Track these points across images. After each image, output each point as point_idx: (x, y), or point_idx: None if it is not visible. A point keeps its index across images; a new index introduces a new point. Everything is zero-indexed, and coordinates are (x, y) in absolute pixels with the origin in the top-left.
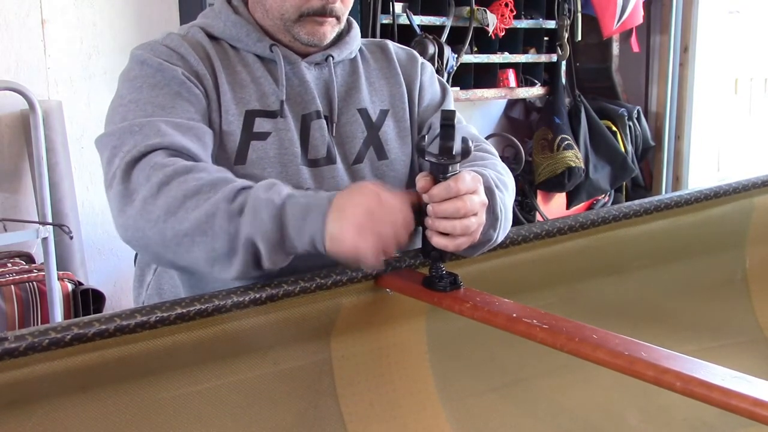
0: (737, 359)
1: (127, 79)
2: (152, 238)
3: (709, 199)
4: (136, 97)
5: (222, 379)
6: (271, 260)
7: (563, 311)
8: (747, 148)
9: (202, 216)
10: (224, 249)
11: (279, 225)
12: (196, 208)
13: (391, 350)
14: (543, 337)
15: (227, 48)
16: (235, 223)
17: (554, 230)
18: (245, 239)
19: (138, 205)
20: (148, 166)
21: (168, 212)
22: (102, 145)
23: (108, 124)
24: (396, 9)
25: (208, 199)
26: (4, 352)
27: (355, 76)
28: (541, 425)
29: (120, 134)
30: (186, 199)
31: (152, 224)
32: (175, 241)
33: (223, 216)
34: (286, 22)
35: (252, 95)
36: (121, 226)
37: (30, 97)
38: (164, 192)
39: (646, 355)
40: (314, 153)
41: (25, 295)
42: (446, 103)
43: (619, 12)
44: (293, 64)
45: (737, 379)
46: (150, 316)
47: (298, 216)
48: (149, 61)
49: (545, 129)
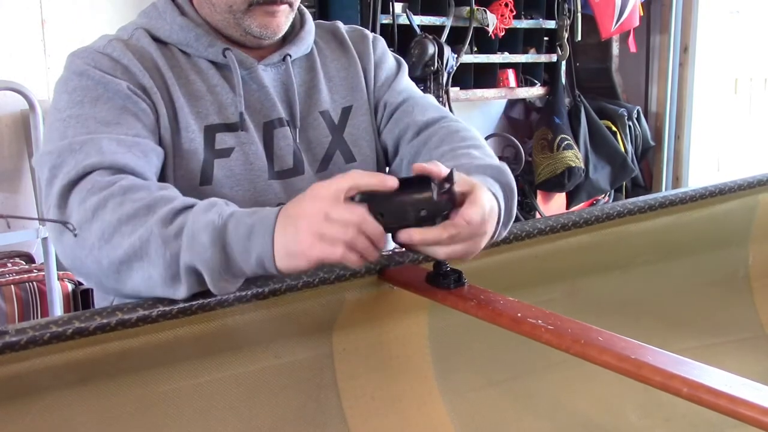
0: (739, 356)
1: (65, 90)
2: (90, 267)
3: (713, 196)
4: (77, 112)
5: (223, 373)
6: (217, 287)
7: (566, 307)
8: (747, 148)
9: (135, 242)
10: (164, 275)
11: (221, 249)
12: (131, 233)
13: (392, 344)
14: (548, 338)
15: (177, 53)
16: (171, 249)
17: (557, 226)
18: (185, 266)
19: (71, 234)
20: (85, 190)
21: (102, 239)
22: (41, 164)
23: (47, 141)
24: (396, 9)
25: (144, 223)
26: (6, 345)
27: (313, 73)
28: (541, 420)
29: (59, 153)
30: (120, 224)
31: (87, 252)
32: (112, 269)
33: (157, 241)
34: (236, 14)
35: (209, 107)
36: (61, 254)
37: (30, 97)
38: (99, 217)
39: (652, 359)
40: (281, 164)
41: (25, 295)
42: (399, 78)
43: (617, 14)
44: (249, 68)
45: (745, 386)
46: (152, 310)
47: (241, 236)
48: (89, 73)
49: (545, 129)
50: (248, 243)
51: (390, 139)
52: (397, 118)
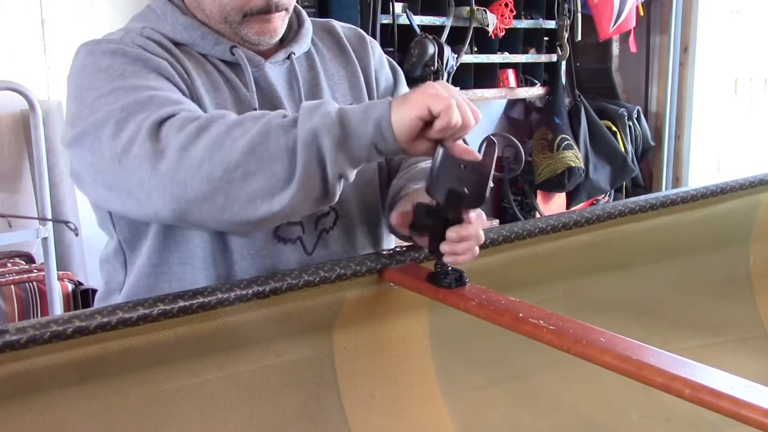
0: (740, 356)
1: (97, 69)
2: (197, 188)
3: (714, 195)
4: (121, 85)
5: (224, 372)
6: (335, 162)
7: (567, 306)
8: (747, 148)
9: (255, 137)
10: (284, 166)
11: (340, 119)
12: (244, 134)
13: (393, 343)
14: (549, 338)
15: (188, 48)
16: (293, 134)
17: (558, 226)
18: (305, 135)
19: (174, 155)
20: (179, 120)
21: (213, 148)
22: (86, 133)
23: (87, 116)
24: (396, 9)
25: (255, 124)
26: (6, 344)
27: (313, 71)
28: (541, 419)
29: (123, 108)
30: (230, 130)
31: (196, 168)
32: (226, 179)
33: (277, 131)
34: (231, 24)
35: (227, 100)
36: (156, 187)
37: (30, 97)
38: (204, 134)
39: (654, 360)
40: None
41: (25, 295)
42: (400, 86)
43: (615, 14)
44: (258, 65)
45: (747, 387)
46: (152, 309)
47: (358, 110)
48: (124, 50)
49: (545, 129)
50: (365, 114)
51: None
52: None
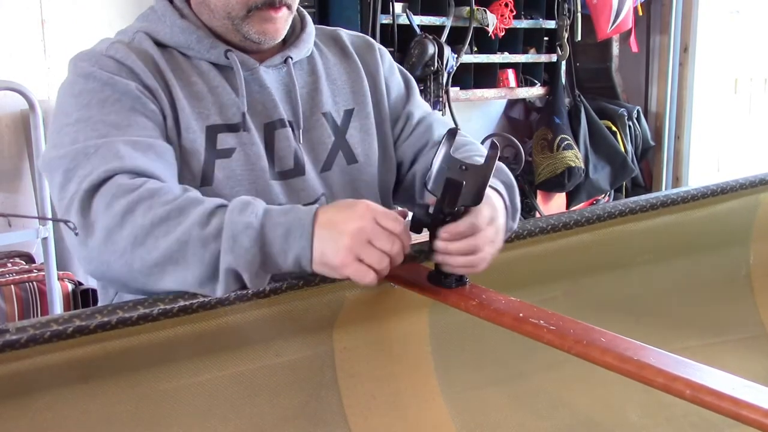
0: (740, 355)
1: (71, 94)
2: (119, 270)
3: (714, 195)
4: (86, 115)
5: (224, 371)
6: (254, 284)
7: (567, 305)
8: (747, 148)
9: (173, 244)
10: (200, 277)
11: (260, 249)
12: (165, 235)
13: (393, 343)
14: (550, 338)
15: (177, 56)
16: (211, 250)
17: (558, 225)
18: (226, 269)
19: (100, 236)
20: (110, 194)
21: (135, 242)
22: (51, 167)
23: (55, 146)
24: (396, 9)
25: (178, 225)
26: (6, 343)
27: (314, 75)
28: (541, 419)
29: (73, 157)
30: (153, 228)
31: (117, 256)
32: (144, 272)
33: (196, 243)
34: (234, 20)
35: (211, 108)
36: (84, 258)
37: (30, 97)
38: (129, 221)
39: (655, 360)
40: (282, 165)
41: (25, 295)
42: (412, 94)
43: (614, 15)
44: (251, 69)
45: (748, 388)
46: (152, 308)
47: (279, 236)
48: (96, 74)
49: (545, 129)
50: (286, 244)
51: (411, 151)
52: (419, 133)
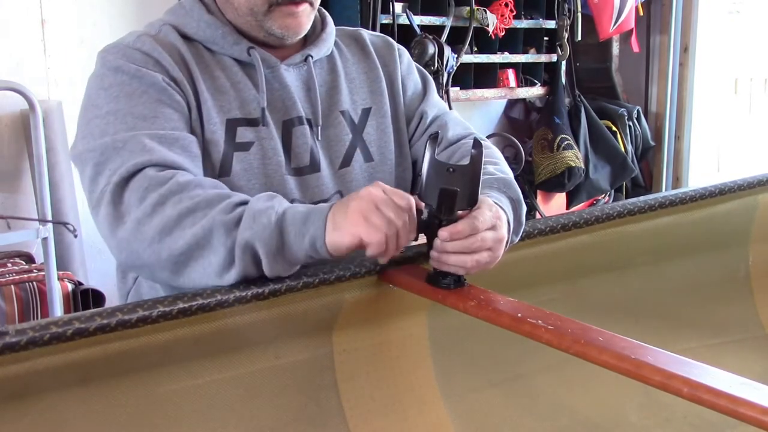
0: (739, 356)
1: (101, 87)
2: (146, 260)
3: (713, 196)
4: (114, 108)
5: (223, 373)
6: (271, 267)
7: (566, 307)
8: (747, 148)
9: (198, 232)
10: (222, 261)
11: (278, 230)
12: (192, 225)
13: (392, 345)
14: (548, 338)
15: (202, 50)
16: (233, 234)
17: (557, 226)
18: (243, 244)
19: (130, 226)
20: (141, 188)
21: (163, 232)
22: (82, 160)
23: (85, 137)
24: (396, 9)
25: (204, 216)
26: (6, 346)
27: (333, 74)
28: (541, 421)
29: (102, 150)
30: (181, 218)
31: (146, 245)
32: (171, 261)
33: (219, 229)
34: (257, 16)
35: (232, 102)
36: (115, 247)
37: (30, 97)
38: (159, 212)
39: (652, 359)
40: (298, 161)
41: (25, 295)
42: (429, 93)
43: (615, 14)
44: (273, 67)
45: (745, 386)
46: (152, 310)
47: (298, 221)
48: (124, 67)
49: (545, 129)
50: (303, 227)
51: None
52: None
